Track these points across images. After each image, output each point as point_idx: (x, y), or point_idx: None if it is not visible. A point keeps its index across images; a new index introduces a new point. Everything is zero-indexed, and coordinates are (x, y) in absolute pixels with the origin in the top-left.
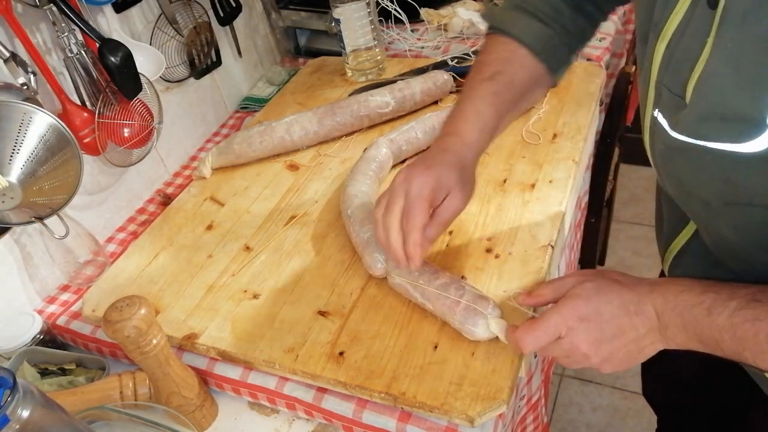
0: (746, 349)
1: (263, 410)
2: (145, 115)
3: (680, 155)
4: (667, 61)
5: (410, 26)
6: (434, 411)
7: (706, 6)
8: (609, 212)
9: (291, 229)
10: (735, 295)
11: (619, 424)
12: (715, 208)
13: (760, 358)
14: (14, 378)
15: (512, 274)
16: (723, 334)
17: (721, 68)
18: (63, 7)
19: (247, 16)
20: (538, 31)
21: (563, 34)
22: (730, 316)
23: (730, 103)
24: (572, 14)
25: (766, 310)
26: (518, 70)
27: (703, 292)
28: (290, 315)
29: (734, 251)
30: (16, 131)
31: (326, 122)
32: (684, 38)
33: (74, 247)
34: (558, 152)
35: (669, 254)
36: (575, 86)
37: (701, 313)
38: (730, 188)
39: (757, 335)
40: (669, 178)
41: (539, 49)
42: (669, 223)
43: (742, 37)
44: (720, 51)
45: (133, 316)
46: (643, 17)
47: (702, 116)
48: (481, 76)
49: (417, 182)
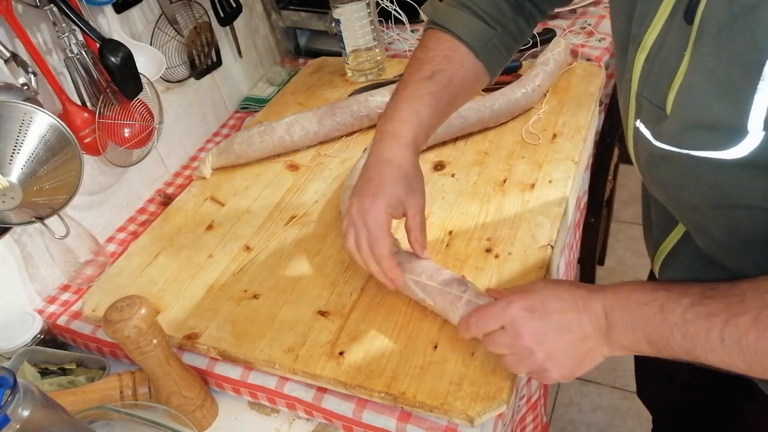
0: (697, 347)
1: (263, 410)
2: (145, 115)
3: (665, 163)
4: (646, 74)
5: (410, 26)
6: (434, 411)
7: (683, 21)
8: (609, 212)
9: (291, 229)
10: (687, 293)
11: (618, 424)
12: (703, 211)
13: (711, 355)
14: (15, 378)
15: (512, 274)
16: (674, 332)
17: (700, 81)
18: (63, 8)
19: (248, 16)
20: (480, 31)
21: (503, 34)
22: (683, 312)
23: (711, 113)
24: (514, 15)
25: (718, 306)
26: (457, 69)
27: (654, 290)
28: (290, 315)
29: (725, 251)
30: (16, 131)
31: (326, 122)
32: (662, 51)
33: (75, 247)
34: (558, 152)
35: (659, 255)
36: (575, 86)
37: (653, 311)
38: (716, 192)
39: (710, 332)
40: (655, 184)
41: (480, 49)
42: (658, 224)
43: (718, 50)
44: (698, 64)
45: (134, 315)
46: (621, 30)
47: (684, 127)
48: (420, 74)
49: (372, 215)
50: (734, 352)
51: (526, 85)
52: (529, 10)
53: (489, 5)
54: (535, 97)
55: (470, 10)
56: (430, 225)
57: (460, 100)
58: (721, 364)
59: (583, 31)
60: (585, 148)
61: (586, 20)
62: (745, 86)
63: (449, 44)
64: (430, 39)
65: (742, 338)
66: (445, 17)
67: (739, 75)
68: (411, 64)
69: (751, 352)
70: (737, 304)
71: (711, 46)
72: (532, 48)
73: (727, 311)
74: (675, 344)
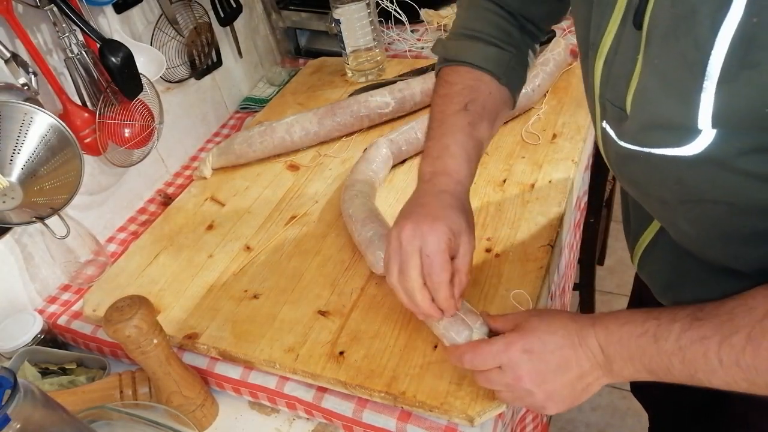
0: (698, 371)
1: (263, 410)
2: (145, 115)
3: (631, 161)
4: (606, 77)
5: (410, 27)
6: (434, 410)
7: (633, 27)
8: (608, 212)
9: (291, 229)
10: (677, 318)
11: (618, 424)
12: (672, 205)
13: (714, 377)
14: (15, 378)
15: (512, 274)
16: (672, 360)
17: (652, 82)
18: (64, 8)
19: (248, 16)
20: (496, 57)
21: (518, 54)
22: (676, 339)
23: (664, 113)
24: (520, 35)
25: (710, 326)
26: (487, 97)
27: (645, 321)
28: (290, 315)
29: (696, 243)
30: (17, 131)
31: (326, 122)
32: (618, 56)
33: (75, 247)
34: (557, 152)
35: (638, 250)
36: (575, 86)
37: (647, 342)
38: (682, 188)
39: (707, 354)
40: (626, 181)
41: (501, 74)
42: (635, 220)
43: (666, 53)
44: (649, 67)
45: (134, 315)
46: (581, 36)
47: (642, 126)
48: (453, 107)
49: (432, 238)
50: (734, 372)
51: (526, 85)
52: (530, 31)
53: (497, 31)
54: (535, 97)
55: (481, 40)
56: None
57: (495, 126)
58: (724, 386)
59: None
60: (585, 148)
61: None
62: (692, 86)
63: (471, 75)
64: (450, 75)
65: (740, 357)
66: (459, 52)
67: (686, 75)
68: (436, 102)
69: (751, 370)
70: (728, 323)
71: (659, 49)
72: None
73: (720, 332)
74: (675, 371)
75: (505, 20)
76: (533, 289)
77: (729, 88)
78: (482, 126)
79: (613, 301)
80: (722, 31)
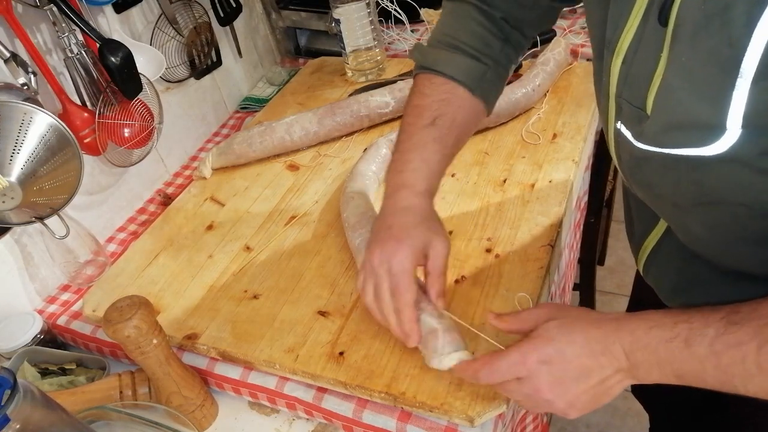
0: (735, 377)
1: (263, 410)
2: (145, 115)
3: (646, 163)
4: (624, 77)
5: (410, 26)
6: (434, 411)
7: (657, 24)
8: (609, 212)
9: (291, 229)
10: (710, 322)
11: (618, 424)
12: (684, 208)
13: (751, 384)
14: (15, 378)
15: (512, 274)
16: (705, 365)
17: (678, 81)
18: (63, 8)
19: (248, 16)
20: (472, 70)
21: (496, 67)
22: (710, 344)
23: (690, 113)
24: (501, 46)
25: (746, 331)
26: (457, 111)
27: (675, 324)
28: (290, 315)
29: (707, 246)
30: (16, 131)
31: (326, 122)
32: (638, 54)
33: (75, 247)
34: (558, 152)
35: (642, 253)
36: (575, 86)
37: (678, 347)
38: (698, 189)
39: (745, 360)
40: (637, 183)
41: (476, 87)
42: (639, 223)
43: (695, 50)
44: (675, 65)
45: (134, 316)
46: (596, 35)
47: (664, 127)
48: (422, 121)
49: (396, 259)
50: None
51: (526, 85)
52: (516, 39)
53: (477, 41)
54: (535, 97)
55: (459, 50)
56: None
57: (463, 140)
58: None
59: (583, 31)
60: (585, 148)
61: None
62: (723, 84)
63: (445, 87)
64: (424, 84)
65: None
66: (436, 60)
67: (717, 73)
68: (409, 113)
69: None
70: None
71: (687, 47)
72: (532, 48)
73: (759, 336)
74: (708, 377)
75: (487, 30)
76: (533, 289)
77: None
78: (449, 140)
79: (613, 301)
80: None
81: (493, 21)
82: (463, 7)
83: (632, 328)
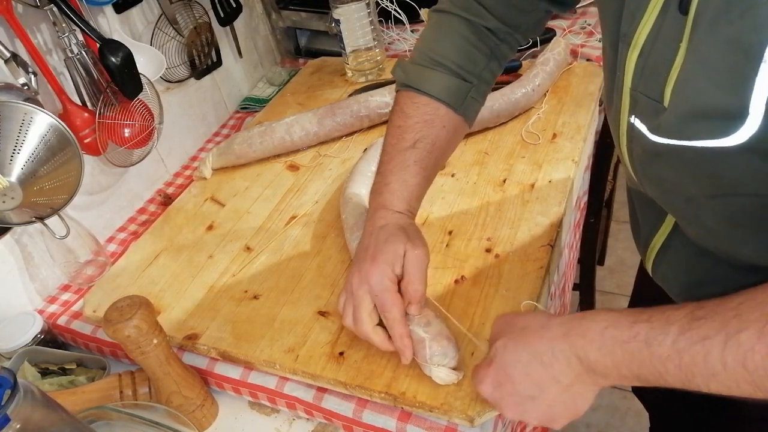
0: (696, 376)
1: (263, 410)
2: (145, 115)
3: (661, 157)
4: (640, 69)
5: (410, 27)
6: (434, 411)
7: (677, 12)
8: (608, 212)
9: (291, 230)
10: (672, 320)
11: (618, 424)
12: (698, 202)
13: (713, 382)
14: (15, 378)
15: (512, 274)
16: (667, 365)
17: (698, 70)
18: (63, 8)
19: (248, 16)
20: (456, 88)
21: (480, 84)
22: (673, 342)
23: (710, 101)
24: (487, 62)
25: (713, 326)
26: (439, 132)
27: (633, 324)
28: (290, 315)
29: (719, 239)
30: (16, 131)
31: (326, 123)
32: (656, 45)
33: (75, 247)
34: (557, 152)
35: (650, 253)
36: (575, 86)
37: (638, 347)
38: (714, 182)
39: (708, 356)
40: (649, 180)
41: (458, 105)
42: (645, 222)
43: (715, 39)
44: (695, 53)
45: (134, 316)
46: (610, 28)
47: (683, 118)
48: (402, 144)
49: (375, 278)
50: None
51: (526, 85)
52: (503, 52)
53: (461, 58)
54: (535, 97)
55: (443, 67)
56: (430, 225)
57: (445, 157)
58: (724, 390)
59: (583, 31)
60: (585, 148)
61: (586, 20)
62: (746, 70)
63: (427, 108)
64: (407, 104)
65: (747, 357)
66: (419, 79)
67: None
68: (391, 133)
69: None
70: (734, 320)
71: (707, 34)
72: (532, 48)
73: (725, 330)
74: (669, 377)
75: (473, 46)
76: (533, 289)
77: None
78: (429, 161)
79: (613, 302)
80: None
81: (479, 35)
82: (449, 20)
83: (583, 331)
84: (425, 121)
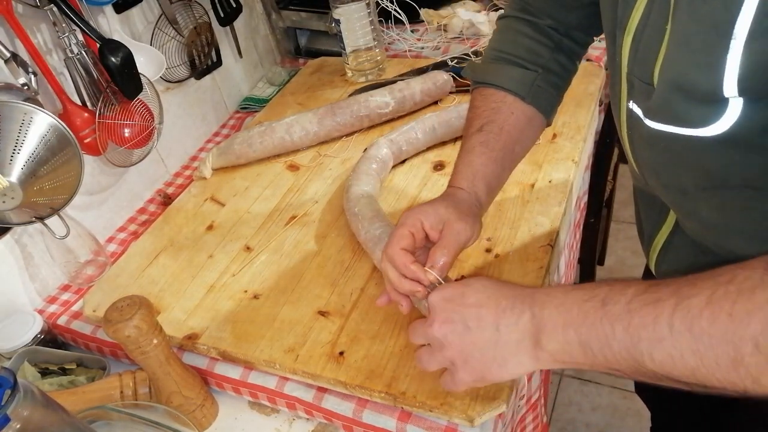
0: (642, 339)
1: (263, 410)
2: (145, 115)
3: (655, 146)
4: (634, 53)
5: (410, 27)
6: (434, 410)
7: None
8: (608, 212)
9: (291, 230)
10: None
11: (618, 424)
12: (692, 194)
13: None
14: (15, 378)
15: (512, 274)
16: (615, 326)
17: (679, 49)
18: (63, 8)
19: (248, 16)
20: (520, 77)
21: (546, 73)
22: (627, 302)
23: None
24: (552, 54)
25: (667, 291)
26: (507, 117)
27: (597, 286)
28: (290, 315)
29: (716, 235)
30: (16, 131)
31: (326, 122)
32: (647, 28)
33: (75, 247)
34: (557, 152)
35: (653, 252)
36: (575, 86)
37: (594, 306)
38: (702, 174)
39: (657, 319)
40: (647, 170)
41: (525, 93)
42: (648, 221)
43: (691, 17)
44: (675, 33)
45: (134, 315)
46: (608, 17)
47: (667, 97)
48: (471, 130)
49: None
50: (684, 340)
51: None
52: (568, 46)
53: (524, 52)
54: None
55: (506, 61)
56: None
57: (519, 146)
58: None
59: None
60: (585, 148)
61: None
62: (718, 48)
63: (495, 97)
64: (476, 98)
65: (695, 322)
66: (484, 73)
67: (712, 37)
68: (465, 126)
69: (704, 338)
70: (688, 287)
71: (686, 13)
72: None
73: (677, 294)
74: (615, 342)
75: (534, 40)
76: None
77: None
78: (496, 144)
79: None
80: None
81: (540, 31)
82: (510, 22)
83: (549, 290)
84: (492, 108)
